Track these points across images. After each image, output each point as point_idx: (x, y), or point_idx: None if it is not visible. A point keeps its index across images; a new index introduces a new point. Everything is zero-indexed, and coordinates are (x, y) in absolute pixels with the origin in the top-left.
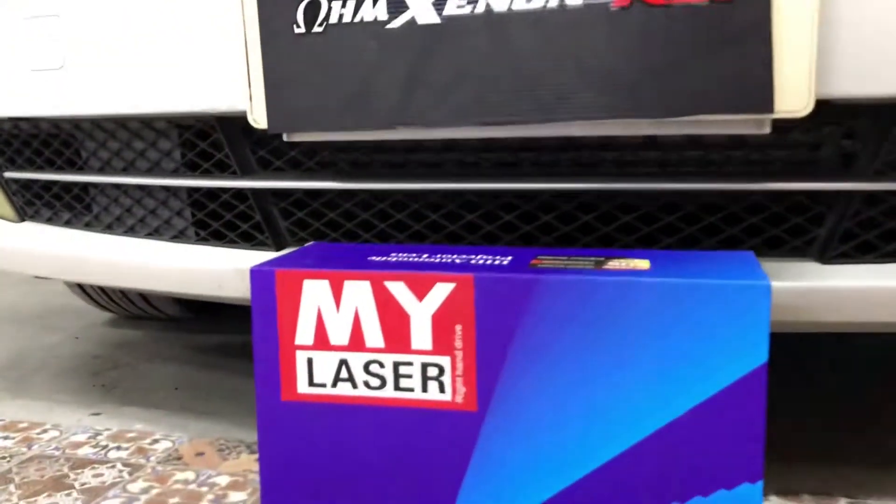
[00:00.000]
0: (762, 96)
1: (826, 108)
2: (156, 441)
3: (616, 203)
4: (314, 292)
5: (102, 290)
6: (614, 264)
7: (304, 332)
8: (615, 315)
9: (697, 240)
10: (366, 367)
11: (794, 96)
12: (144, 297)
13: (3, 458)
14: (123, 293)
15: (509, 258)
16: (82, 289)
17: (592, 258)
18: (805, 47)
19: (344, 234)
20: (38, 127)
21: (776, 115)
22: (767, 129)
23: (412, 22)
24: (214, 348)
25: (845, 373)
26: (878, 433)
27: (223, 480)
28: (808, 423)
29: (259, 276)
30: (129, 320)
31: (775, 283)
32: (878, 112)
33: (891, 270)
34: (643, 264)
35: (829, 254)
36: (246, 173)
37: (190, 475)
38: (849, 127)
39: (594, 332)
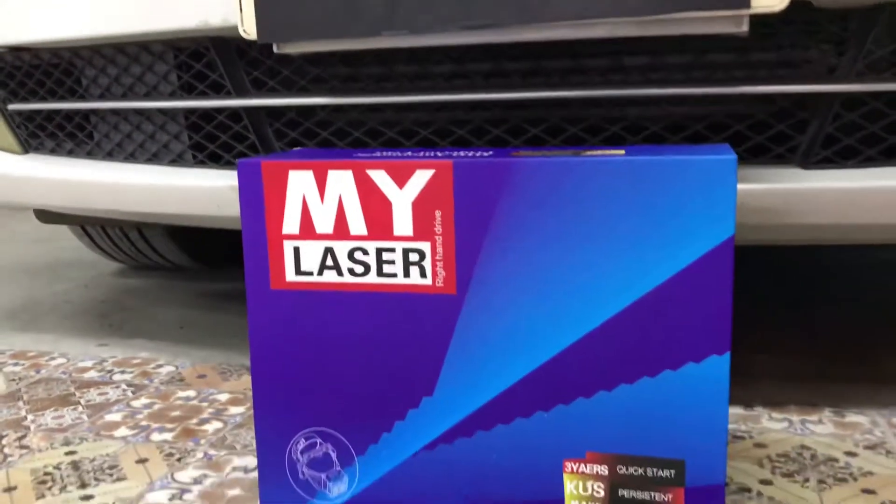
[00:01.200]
0: None
1: (803, 8)
2: (160, 366)
3: (602, 112)
4: (299, 183)
5: (109, 237)
6: (590, 153)
7: (291, 222)
8: (588, 195)
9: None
10: (350, 255)
11: None
12: (151, 245)
13: (13, 380)
14: (130, 240)
15: (490, 153)
16: (90, 238)
17: (570, 150)
18: None
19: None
20: (39, 57)
21: (753, 11)
22: (745, 28)
23: None
24: (219, 294)
25: (834, 304)
26: (863, 357)
27: (223, 397)
28: (799, 348)
29: (246, 168)
30: (136, 270)
31: (757, 186)
32: (857, 14)
33: (870, 174)
34: (618, 153)
35: (811, 159)
36: (240, 93)
37: (191, 393)
38: (829, 30)
39: (568, 214)
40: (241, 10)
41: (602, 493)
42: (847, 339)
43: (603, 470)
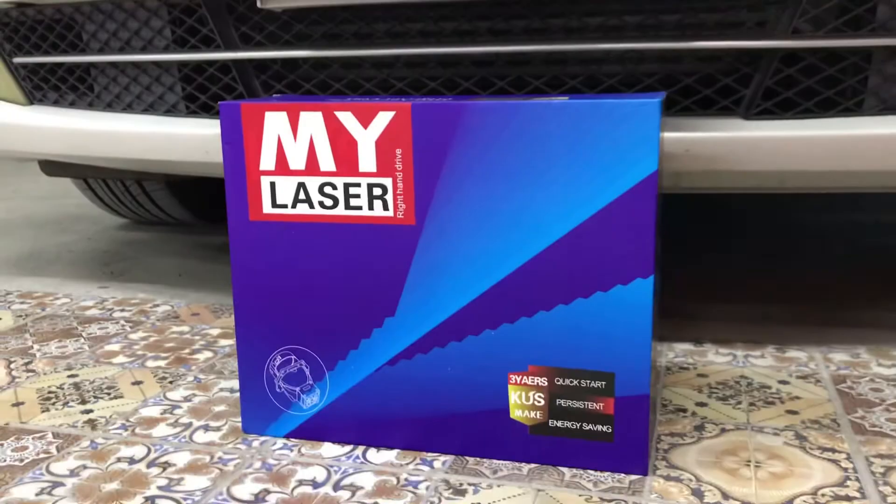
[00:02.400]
0: None
1: None
2: (156, 305)
3: (561, 69)
4: (274, 123)
5: (112, 191)
6: (535, 99)
7: (267, 160)
8: (529, 136)
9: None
10: (320, 189)
11: None
12: (152, 199)
13: (20, 316)
14: (132, 195)
15: (449, 99)
16: (94, 192)
17: (520, 97)
18: None
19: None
20: (42, 13)
21: None
22: None
23: None
24: (216, 246)
25: (802, 260)
26: (818, 305)
27: (214, 332)
28: (747, 295)
29: (227, 109)
30: (139, 225)
31: (703, 135)
32: None
33: (805, 124)
34: (561, 98)
35: (753, 111)
36: (229, 47)
37: (185, 328)
38: None
39: (513, 152)
40: None
41: (542, 403)
42: (809, 290)
43: (543, 382)
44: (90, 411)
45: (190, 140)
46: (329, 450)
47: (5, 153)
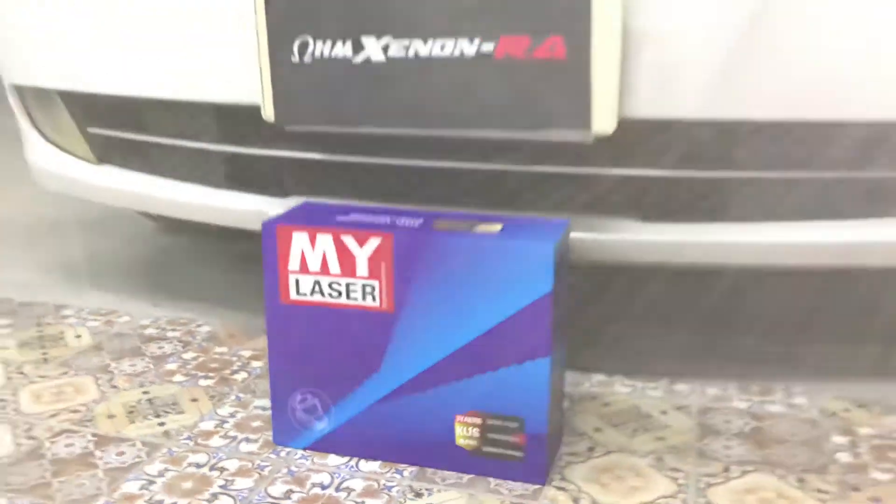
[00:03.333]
0: (585, 121)
1: (625, 126)
2: (200, 325)
3: (504, 182)
4: (299, 240)
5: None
6: (479, 228)
7: (294, 263)
8: (465, 259)
9: (566, 203)
10: (329, 285)
11: (602, 122)
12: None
13: (95, 334)
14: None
15: (420, 220)
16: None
17: (470, 222)
18: (609, 88)
19: (328, 189)
20: (113, 98)
21: (593, 133)
22: (591, 140)
23: (368, 59)
24: (244, 255)
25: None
26: (720, 343)
27: (247, 353)
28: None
29: (267, 227)
30: (169, 229)
31: (602, 236)
32: (658, 126)
33: (682, 229)
34: (496, 227)
35: (651, 213)
36: (262, 144)
37: (225, 349)
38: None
39: (456, 268)
40: (263, 102)
41: (477, 435)
42: (718, 329)
43: (478, 421)
44: (163, 424)
45: (227, 208)
46: (333, 460)
47: (78, 198)
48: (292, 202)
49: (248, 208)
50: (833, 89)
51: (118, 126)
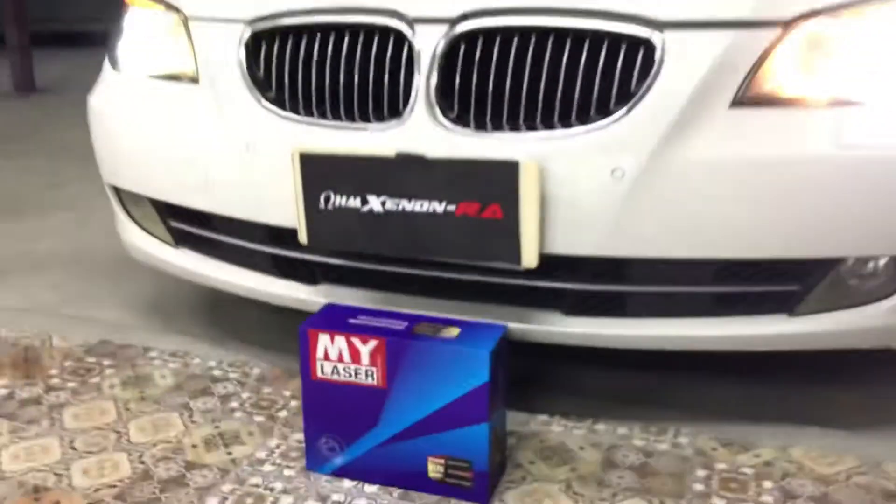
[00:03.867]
0: (513, 256)
1: (545, 259)
2: (252, 368)
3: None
4: (322, 339)
5: None
6: (443, 332)
7: (319, 353)
8: (429, 357)
9: (514, 301)
10: (343, 369)
11: (528, 258)
12: None
13: (175, 374)
14: None
15: (406, 324)
16: None
17: (438, 327)
18: (533, 237)
19: (342, 280)
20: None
21: (522, 265)
22: (522, 268)
23: (371, 210)
24: None
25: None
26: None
27: (288, 393)
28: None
29: (301, 330)
30: None
31: (527, 326)
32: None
33: (591, 322)
34: (455, 332)
35: (570, 311)
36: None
37: (271, 390)
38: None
39: (423, 361)
40: (299, 231)
41: (442, 470)
42: (649, 381)
43: (442, 461)
44: (231, 453)
45: (280, 294)
46: (346, 484)
47: (163, 272)
48: (319, 287)
49: (287, 293)
50: (679, 238)
51: (193, 224)
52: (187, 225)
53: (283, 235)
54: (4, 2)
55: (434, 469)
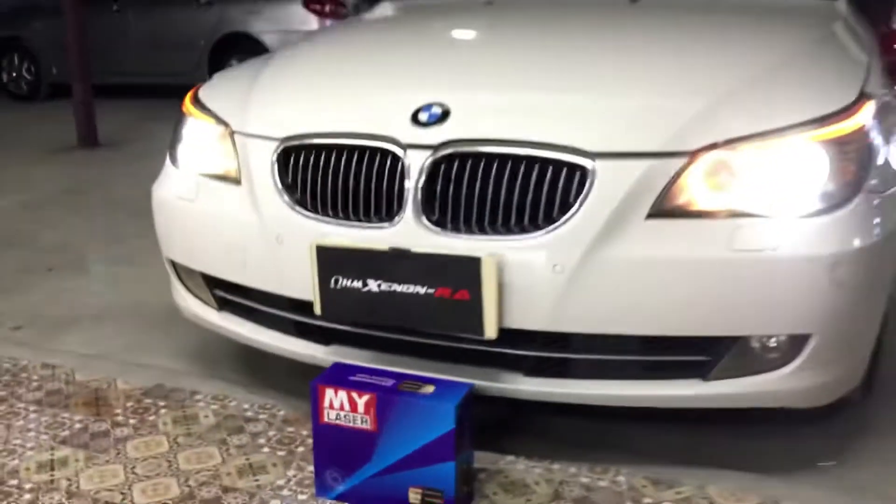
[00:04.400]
0: (478, 329)
1: (503, 332)
2: (279, 411)
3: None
4: (329, 392)
5: None
6: (421, 389)
7: (325, 403)
8: (408, 409)
9: (483, 363)
10: (344, 416)
11: (489, 332)
12: None
13: (216, 415)
14: None
15: (393, 381)
16: None
17: (418, 384)
18: (493, 315)
19: (348, 341)
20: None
21: (485, 336)
22: (485, 338)
23: (370, 290)
24: None
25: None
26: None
27: (305, 433)
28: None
29: (312, 385)
30: None
31: (495, 384)
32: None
33: (546, 382)
34: (431, 389)
35: (529, 373)
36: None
37: (293, 429)
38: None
39: (404, 413)
40: (314, 304)
41: (420, 498)
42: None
43: (420, 491)
44: (258, 480)
45: (297, 351)
46: None
47: (208, 329)
48: (330, 348)
49: (305, 351)
50: (608, 319)
51: (233, 293)
52: (229, 294)
53: (303, 306)
54: (70, 59)
55: (413, 496)
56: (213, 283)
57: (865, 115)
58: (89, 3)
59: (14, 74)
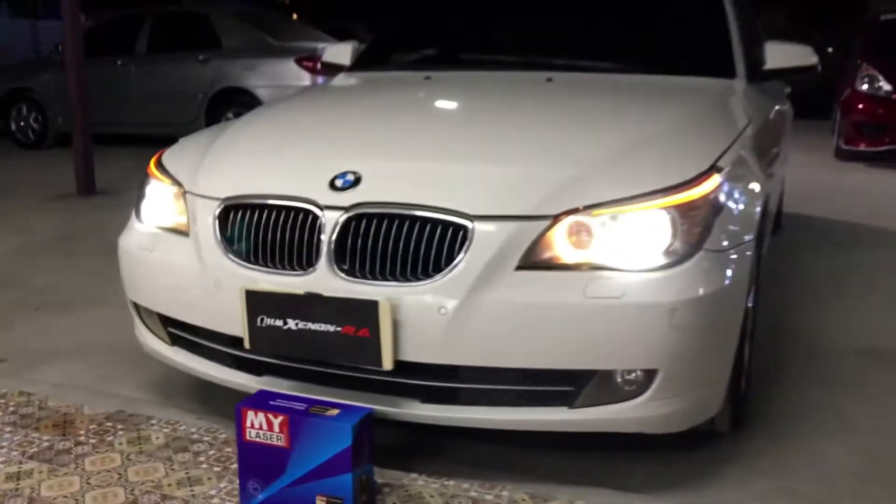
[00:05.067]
0: (377, 362)
1: (399, 364)
2: (221, 434)
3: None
4: (250, 414)
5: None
6: (327, 412)
7: (248, 423)
8: (315, 429)
9: (386, 391)
10: (262, 434)
11: (386, 364)
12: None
13: (166, 436)
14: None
15: (305, 405)
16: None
17: (325, 407)
18: (389, 350)
19: (274, 372)
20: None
21: (383, 367)
22: (385, 369)
23: (290, 328)
24: None
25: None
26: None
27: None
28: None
29: (237, 408)
30: None
31: (395, 410)
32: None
33: (440, 408)
34: (336, 412)
35: (425, 400)
36: (249, 351)
37: (231, 449)
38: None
39: (312, 431)
40: (244, 340)
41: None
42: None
43: (325, 499)
44: (192, 490)
45: (235, 381)
46: None
47: (163, 363)
48: (262, 378)
49: (240, 381)
50: (485, 353)
51: (182, 330)
52: (179, 331)
53: (238, 341)
54: (73, 112)
55: (320, 503)
56: (166, 321)
57: (709, 186)
58: (95, 56)
59: (22, 123)
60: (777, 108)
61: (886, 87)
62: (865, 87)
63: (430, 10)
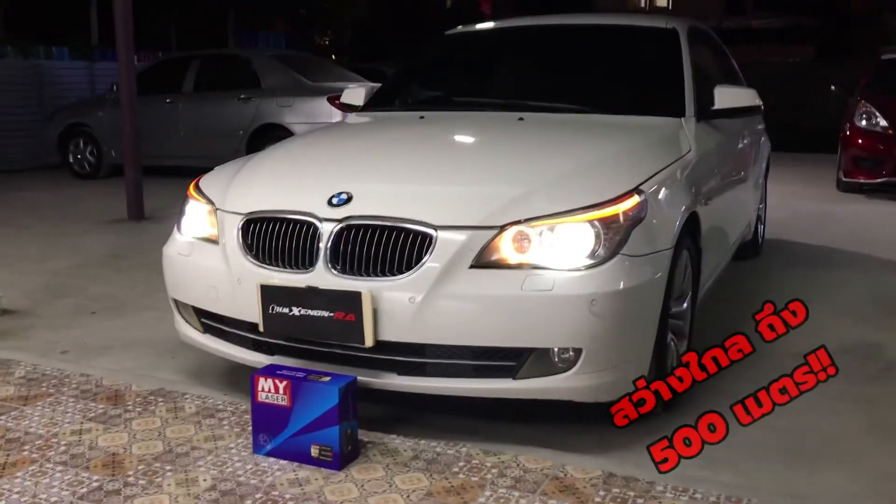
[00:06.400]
0: (361, 340)
1: (379, 342)
2: (241, 405)
3: (344, 357)
4: (261, 380)
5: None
6: (321, 378)
7: (259, 387)
8: (311, 391)
9: (370, 366)
10: (271, 396)
11: (368, 342)
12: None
13: (198, 407)
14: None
15: (304, 374)
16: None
17: (321, 375)
18: (370, 331)
19: (286, 353)
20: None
21: (364, 345)
22: (367, 346)
23: (294, 314)
24: None
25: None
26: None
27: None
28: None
29: (252, 376)
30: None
31: (377, 380)
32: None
33: (412, 379)
34: (327, 378)
35: (401, 372)
36: (263, 334)
37: (249, 416)
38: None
39: (309, 393)
40: (259, 324)
41: (318, 452)
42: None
43: (318, 447)
44: (216, 443)
45: (254, 360)
46: (271, 462)
47: (197, 348)
48: (274, 357)
49: (258, 359)
50: (445, 333)
51: (212, 320)
52: (209, 320)
53: (254, 327)
54: (125, 145)
55: (314, 451)
56: (199, 313)
57: (628, 204)
58: (146, 94)
59: (79, 156)
60: (743, 141)
61: (883, 122)
62: (864, 122)
63: (429, 61)
